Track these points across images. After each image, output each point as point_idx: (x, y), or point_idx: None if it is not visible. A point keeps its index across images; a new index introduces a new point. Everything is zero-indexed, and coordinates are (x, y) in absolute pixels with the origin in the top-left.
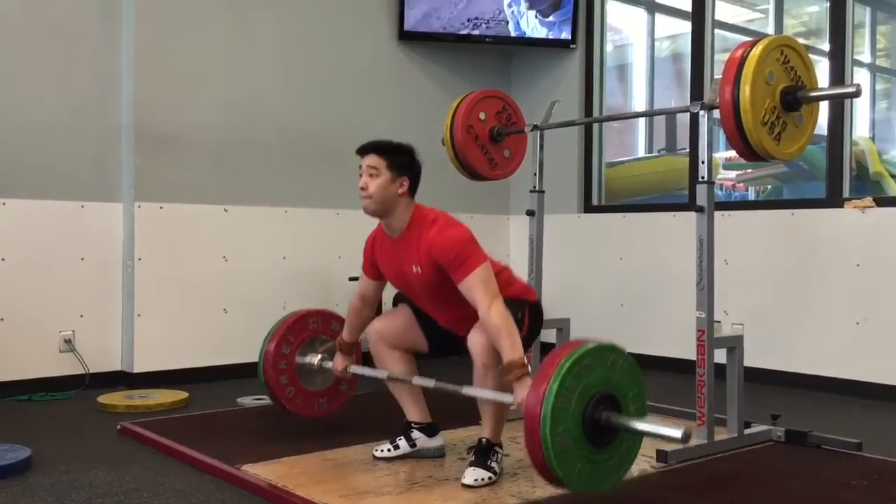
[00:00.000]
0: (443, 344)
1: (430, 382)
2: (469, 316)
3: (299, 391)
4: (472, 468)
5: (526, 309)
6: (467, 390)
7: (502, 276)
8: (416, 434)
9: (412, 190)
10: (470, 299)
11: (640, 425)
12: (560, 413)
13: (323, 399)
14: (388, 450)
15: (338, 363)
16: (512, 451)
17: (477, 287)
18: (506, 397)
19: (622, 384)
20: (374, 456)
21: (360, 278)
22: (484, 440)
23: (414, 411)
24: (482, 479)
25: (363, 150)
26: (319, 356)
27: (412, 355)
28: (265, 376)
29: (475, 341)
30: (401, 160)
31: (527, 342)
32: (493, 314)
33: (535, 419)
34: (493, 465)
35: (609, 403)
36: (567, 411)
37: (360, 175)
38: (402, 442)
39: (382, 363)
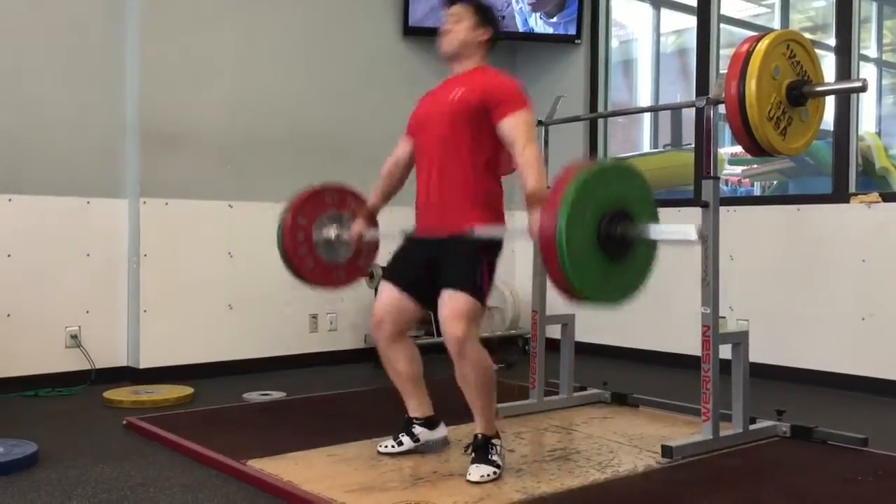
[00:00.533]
0: (429, 297)
1: None
2: (466, 186)
3: (318, 263)
4: (476, 465)
5: (486, 262)
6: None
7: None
8: (417, 429)
9: (491, 45)
10: (509, 135)
11: (653, 232)
12: (575, 224)
13: (341, 271)
14: (392, 446)
15: (356, 227)
16: (518, 446)
17: (521, 126)
18: (516, 229)
19: (634, 199)
20: (378, 452)
21: (400, 140)
22: (479, 435)
23: (415, 406)
24: (487, 475)
25: (450, 2)
26: (336, 229)
27: (417, 351)
28: (284, 247)
29: (446, 331)
30: (486, 15)
31: (485, 291)
32: (528, 152)
33: (551, 231)
34: (495, 458)
35: (622, 217)
36: (582, 223)
37: (445, 21)
38: (405, 438)
39: (391, 364)
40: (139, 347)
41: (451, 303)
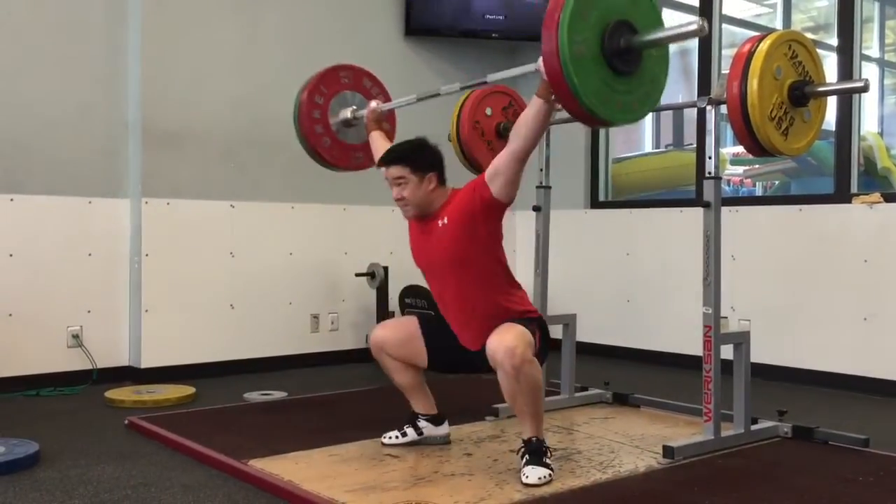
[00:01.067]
0: (443, 361)
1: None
2: (488, 306)
3: (335, 142)
4: (532, 467)
5: (536, 325)
6: (493, 77)
7: (517, 295)
8: (422, 423)
9: (441, 180)
10: (502, 153)
11: (655, 35)
12: (578, 21)
13: (360, 153)
14: (397, 436)
15: (371, 103)
16: (517, 446)
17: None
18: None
19: (636, 9)
20: (382, 443)
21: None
22: (534, 438)
23: (420, 404)
24: (544, 477)
25: (383, 163)
26: (351, 109)
27: (416, 367)
28: (301, 126)
29: (496, 353)
30: (422, 160)
31: (540, 358)
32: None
33: (554, 52)
34: (548, 461)
35: (625, 28)
36: (586, 24)
37: (391, 187)
38: (409, 430)
39: (388, 372)
40: (141, 347)
41: (505, 331)
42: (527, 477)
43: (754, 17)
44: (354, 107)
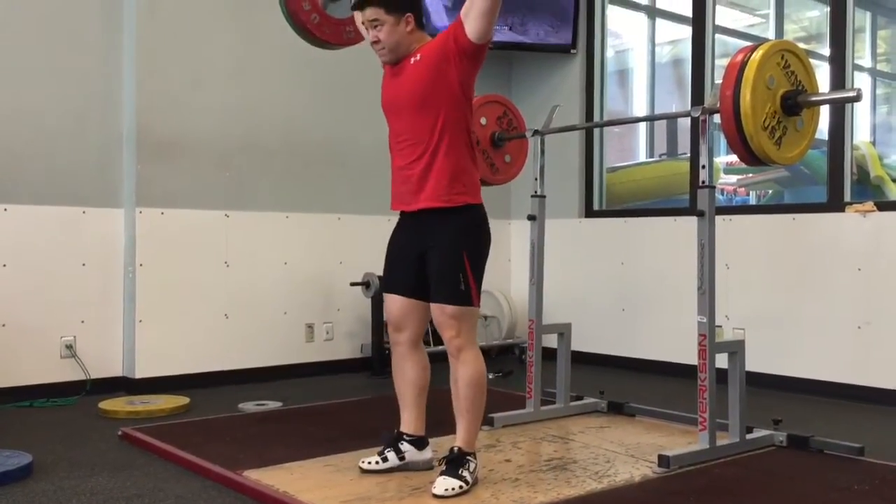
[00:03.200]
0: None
1: None
2: (438, 163)
3: (324, 18)
4: (443, 477)
5: (468, 210)
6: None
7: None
8: (405, 446)
9: (419, 23)
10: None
11: None
12: None
13: (350, 28)
14: (377, 462)
15: None
16: (514, 456)
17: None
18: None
19: None
20: (360, 468)
21: None
22: (456, 449)
23: (410, 420)
24: (452, 489)
25: (358, 5)
26: None
27: (428, 362)
28: (287, 4)
29: (439, 318)
30: (396, 0)
31: (480, 256)
32: None
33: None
34: (465, 473)
35: None
36: None
37: (367, 31)
38: (390, 454)
39: (402, 371)
40: (135, 357)
41: (441, 316)
42: (435, 487)
43: (747, 27)
44: None
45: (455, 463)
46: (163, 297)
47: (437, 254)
